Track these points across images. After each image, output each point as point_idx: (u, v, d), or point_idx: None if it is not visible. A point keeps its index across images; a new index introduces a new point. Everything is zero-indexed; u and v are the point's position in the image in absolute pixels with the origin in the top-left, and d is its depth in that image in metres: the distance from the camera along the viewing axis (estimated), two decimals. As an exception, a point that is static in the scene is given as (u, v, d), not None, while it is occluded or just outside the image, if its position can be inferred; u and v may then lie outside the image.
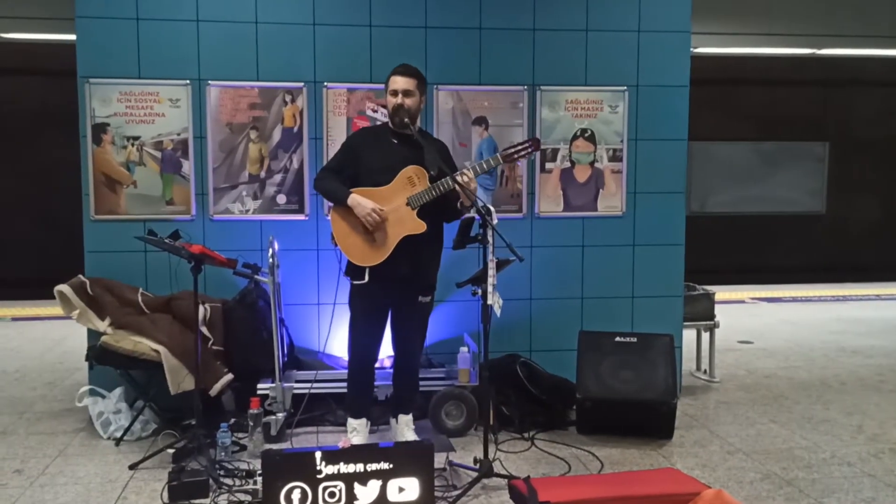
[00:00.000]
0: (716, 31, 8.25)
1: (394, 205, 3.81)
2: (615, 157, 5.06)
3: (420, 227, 3.80)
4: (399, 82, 3.85)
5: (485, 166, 3.84)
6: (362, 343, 4.00)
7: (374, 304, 3.94)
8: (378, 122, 4.70)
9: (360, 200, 3.78)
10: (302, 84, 4.76)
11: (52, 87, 9.31)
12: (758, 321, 8.03)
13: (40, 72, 9.60)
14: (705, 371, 5.72)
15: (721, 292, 6.85)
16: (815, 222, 11.70)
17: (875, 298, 9.61)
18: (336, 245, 3.87)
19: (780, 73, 11.09)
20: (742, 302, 9.29)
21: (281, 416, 4.25)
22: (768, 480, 3.77)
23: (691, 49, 5.16)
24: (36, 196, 9.84)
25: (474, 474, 3.59)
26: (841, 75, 11.36)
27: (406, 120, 3.84)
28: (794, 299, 9.54)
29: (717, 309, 5.70)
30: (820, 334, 7.36)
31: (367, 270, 3.84)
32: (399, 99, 3.84)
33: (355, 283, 3.91)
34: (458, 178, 3.71)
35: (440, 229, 3.99)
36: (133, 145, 4.65)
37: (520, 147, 3.85)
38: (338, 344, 4.68)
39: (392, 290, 3.91)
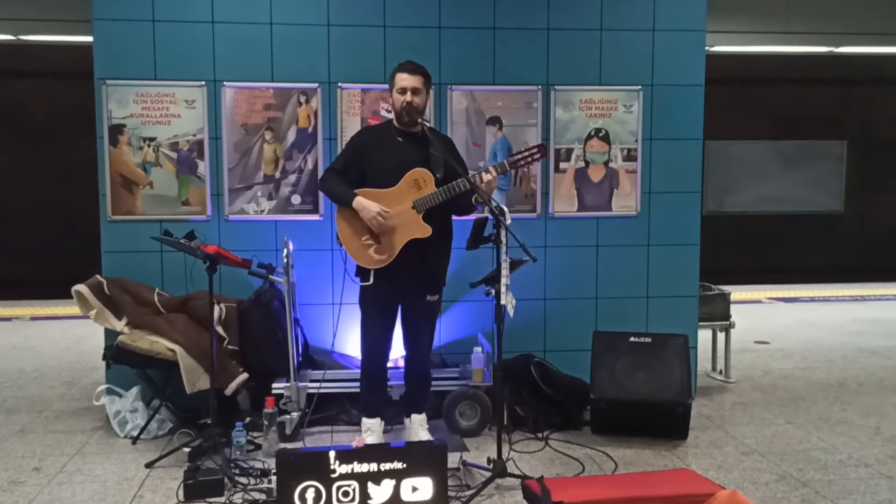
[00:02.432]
0: (732, 29, 8.21)
1: (399, 208, 3.80)
2: (630, 156, 5.04)
3: (426, 231, 3.79)
4: (407, 80, 3.83)
5: (491, 172, 3.81)
6: (373, 343, 4.01)
7: (383, 304, 3.95)
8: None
9: (365, 203, 3.77)
10: (316, 85, 4.78)
11: (70, 89, 9.41)
12: (775, 321, 7.97)
13: (59, 74, 9.69)
14: (721, 371, 5.68)
15: (737, 292, 6.81)
16: (833, 222, 11.60)
17: (894, 298, 9.51)
18: (341, 246, 3.88)
19: (798, 72, 11.01)
20: (758, 302, 9.22)
21: (295, 415, 4.27)
22: (784, 482, 3.74)
23: (707, 48, 5.13)
24: (55, 197, 9.93)
25: (488, 474, 3.59)
26: (860, 74, 11.26)
27: (416, 118, 3.84)
28: (812, 299, 9.46)
29: (733, 309, 5.66)
30: (838, 335, 7.30)
31: (371, 272, 3.85)
32: (408, 97, 3.82)
33: (362, 284, 3.92)
34: (483, 177, 3.71)
35: (448, 229, 3.98)
36: (149, 146, 4.69)
37: (526, 153, 3.82)
38: (351, 343, 4.70)
39: (399, 291, 3.91)
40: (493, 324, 3.66)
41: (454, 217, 4.01)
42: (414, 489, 3.25)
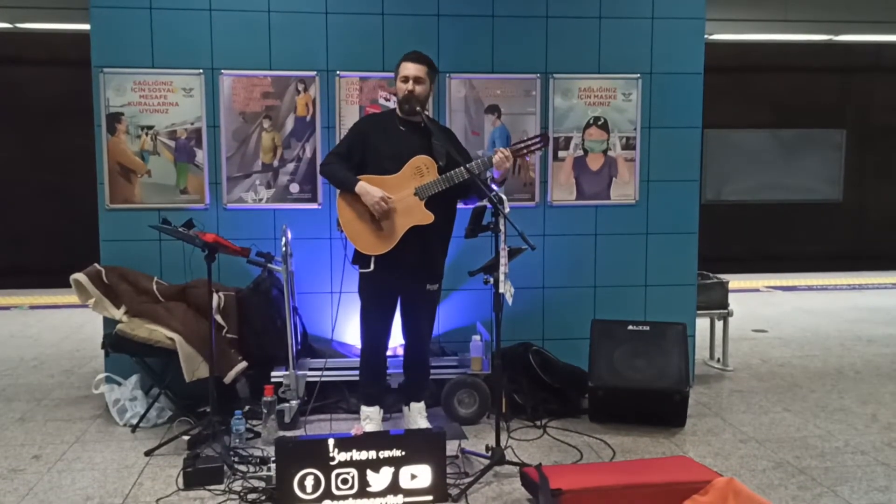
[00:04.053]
0: (731, 17, 8.19)
1: (402, 194, 3.80)
2: (628, 145, 5.04)
3: (427, 217, 3.79)
4: (410, 69, 3.84)
5: (490, 161, 3.81)
6: (372, 331, 4.02)
7: (382, 292, 3.95)
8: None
9: (368, 188, 3.77)
10: (314, 73, 4.76)
11: (68, 76, 9.38)
12: (773, 310, 7.99)
13: (57, 62, 9.66)
14: (718, 360, 5.70)
15: (736, 281, 6.82)
16: (832, 210, 11.61)
17: (892, 287, 9.53)
18: (342, 231, 3.88)
19: (797, 60, 10.99)
20: (757, 290, 9.24)
21: (294, 403, 4.28)
22: (781, 469, 3.76)
23: (706, 36, 5.12)
24: (54, 185, 9.91)
25: (486, 462, 3.60)
26: (859, 62, 11.24)
27: (415, 108, 3.84)
28: (810, 288, 9.48)
29: (732, 297, 5.68)
30: (836, 323, 7.32)
31: (372, 259, 3.85)
32: (410, 85, 3.82)
33: (362, 271, 3.92)
34: (495, 157, 3.72)
35: (448, 218, 3.98)
36: (147, 134, 4.68)
37: (529, 142, 3.83)
38: (349, 332, 4.71)
39: (399, 279, 3.91)
40: (491, 312, 3.66)
41: (461, 205, 4.01)
42: (413, 476, 3.27)
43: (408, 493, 3.27)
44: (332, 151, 4.06)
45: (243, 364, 4.36)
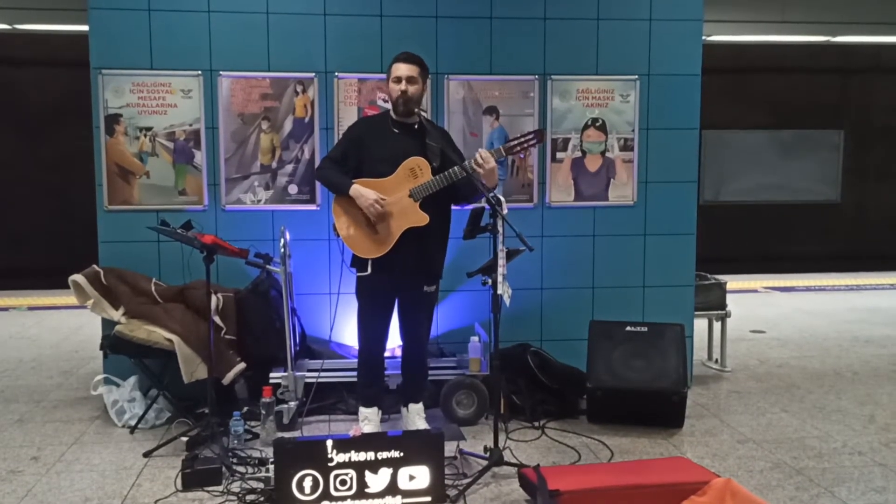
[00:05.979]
0: (729, 18, 8.20)
1: (396, 196, 3.80)
2: (626, 146, 5.04)
3: (423, 219, 3.80)
4: (402, 69, 3.84)
5: (482, 154, 3.80)
6: (370, 333, 4.02)
7: (380, 294, 3.95)
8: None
9: (362, 191, 3.78)
10: (313, 74, 4.77)
11: (67, 78, 9.37)
12: (771, 311, 8.00)
13: (56, 63, 9.65)
14: (717, 361, 5.70)
15: (734, 282, 6.83)
16: (830, 211, 11.61)
17: (890, 288, 9.54)
18: (338, 236, 3.89)
19: (795, 61, 11.00)
20: (755, 291, 9.25)
21: (293, 404, 4.29)
22: (778, 469, 3.77)
23: (704, 37, 5.13)
24: (52, 186, 9.90)
25: (485, 463, 3.60)
26: (857, 63, 11.25)
27: (412, 108, 3.84)
28: (808, 289, 9.49)
29: (730, 298, 5.69)
30: (834, 324, 7.32)
31: (369, 262, 3.85)
32: (403, 86, 3.82)
33: (359, 274, 3.92)
34: (476, 158, 3.71)
35: (445, 219, 3.98)
36: (146, 136, 4.68)
37: (523, 139, 3.82)
38: (348, 333, 4.71)
39: (396, 281, 3.91)
40: (489, 313, 3.67)
41: (454, 207, 4.02)
42: (411, 478, 3.27)
43: (406, 494, 3.27)
44: (327, 156, 4.07)
45: (242, 365, 4.36)
